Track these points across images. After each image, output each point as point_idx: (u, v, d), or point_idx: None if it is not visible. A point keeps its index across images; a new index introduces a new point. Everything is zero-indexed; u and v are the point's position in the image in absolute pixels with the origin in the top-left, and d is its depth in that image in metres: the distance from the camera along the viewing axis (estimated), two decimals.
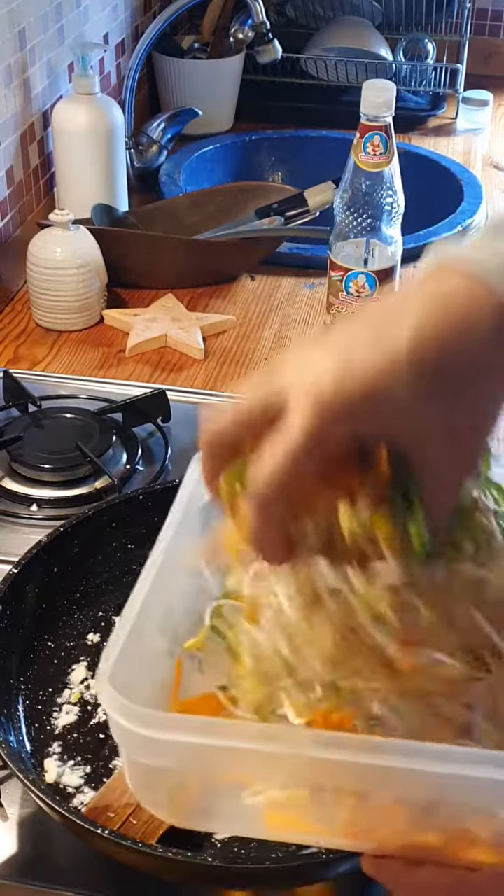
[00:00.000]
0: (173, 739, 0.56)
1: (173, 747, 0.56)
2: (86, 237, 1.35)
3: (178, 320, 1.36)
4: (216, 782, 0.60)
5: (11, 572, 0.86)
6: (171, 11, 1.66)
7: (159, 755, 0.57)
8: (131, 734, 0.56)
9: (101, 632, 0.89)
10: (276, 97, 2.03)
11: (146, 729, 0.55)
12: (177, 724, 0.57)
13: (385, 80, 1.27)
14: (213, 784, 0.60)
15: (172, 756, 0.57)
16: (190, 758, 0.57)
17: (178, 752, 0.57)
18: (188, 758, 0.57)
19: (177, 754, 0.57)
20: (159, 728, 0.56)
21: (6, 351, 1.33)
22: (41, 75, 1.47)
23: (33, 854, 0.76)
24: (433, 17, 2.09)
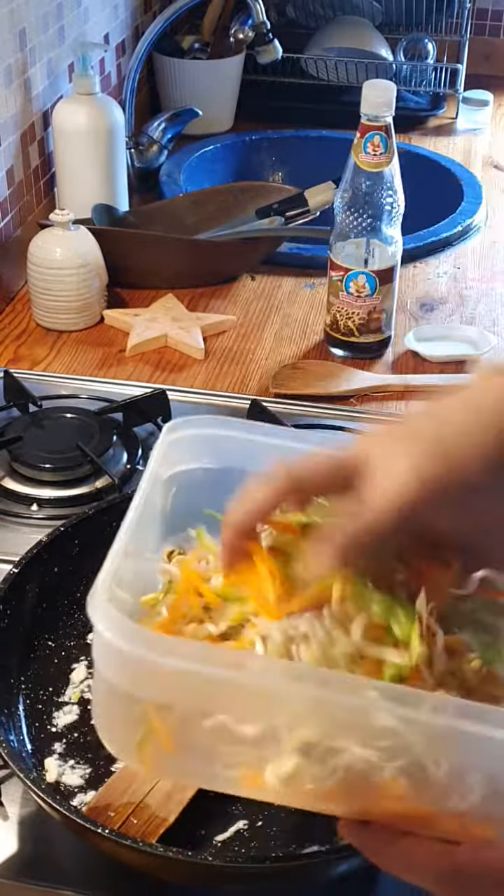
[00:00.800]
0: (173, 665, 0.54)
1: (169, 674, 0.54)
2: (86, 237, 1.35)
3: (179, 320, 1.36)
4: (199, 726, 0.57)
5: (12, 572, 0.86)
6: (172, 11, 1.67)
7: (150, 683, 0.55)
8: (125, 656, 0.54)
9: None
10: (276, 97, 2.03)
11: (146, 650, 0.53)
12: (175, 647, 0.55)
13: (385, 80, 1.27)
14: (192, 729, 0.58)
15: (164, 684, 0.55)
16: (184, 688, 0.55)
17: (171, 680, 0.54)
18: (183, 688, 0.55)
19: (170, 682, 0.55)
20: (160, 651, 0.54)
21: (7, 351, 1.33)
22: (41, 75, 1.47)
23: (33, 853, 0.76)
24: (433, 17, 2.09)
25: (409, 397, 1.26)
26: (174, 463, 0.72)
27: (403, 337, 1.35)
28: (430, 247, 1.58)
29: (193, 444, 0.72)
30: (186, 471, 0.72)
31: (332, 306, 1.30)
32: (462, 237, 1.63)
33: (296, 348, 1.35)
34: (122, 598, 0.59)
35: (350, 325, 1.30)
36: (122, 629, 0.54)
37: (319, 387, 1.26)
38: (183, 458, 0.72)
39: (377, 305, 1.28)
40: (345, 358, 1.32)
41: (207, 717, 0.56)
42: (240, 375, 1.29)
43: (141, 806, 0.74)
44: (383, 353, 1.33)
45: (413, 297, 1.47)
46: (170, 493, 0.71)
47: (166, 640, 0.57)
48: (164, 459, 0.71)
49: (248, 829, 0.75)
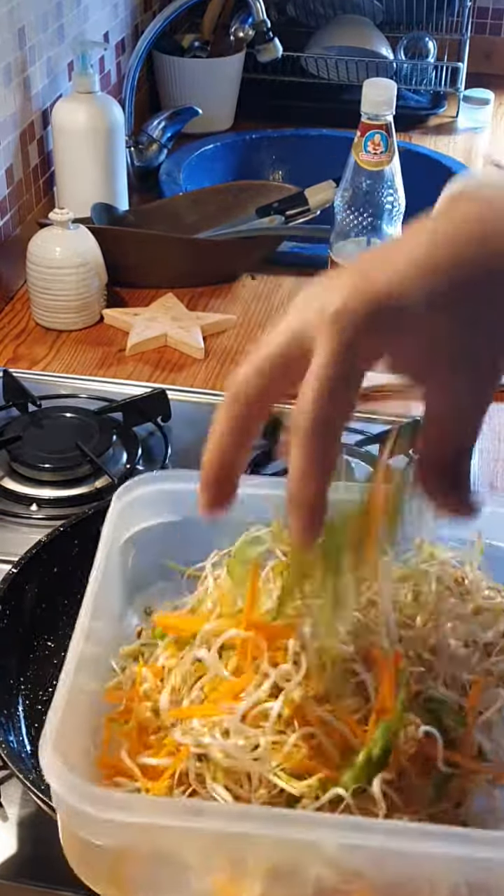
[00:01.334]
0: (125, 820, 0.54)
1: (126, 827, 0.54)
2: (86, 236, 1.34)
3: (179, 319, 1.36)
4: (162, 860, 0.58)
5: (11, 572, 0.86)
6: (172, 10, 1.66)
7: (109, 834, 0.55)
8: (77, 812, 0.54)
9: None
10: (276, 96, 2.03)
11: (95, 808, 0.53)
12: (126, 803, 0.55)
13: (386, 79, 1.27)
14: (154, 860, 0.59)
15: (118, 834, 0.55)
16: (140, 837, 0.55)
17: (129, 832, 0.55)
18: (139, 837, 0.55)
19: (128, 834, 0.55)
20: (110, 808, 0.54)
21: (6, 350, 1.32)
22: (41, 74, 1.47)
23: (33, 854, 0.76)
24: (434, 16, 2.09)
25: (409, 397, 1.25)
26: (131, 523, 0.72)
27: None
28: None
29: (150, 501, 0.72)
30: (146, 528, 0.73)
31: None
32: None
33: None
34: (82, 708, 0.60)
35: None
36: (69, 783, 0.54)
37: None
38: (141, 517, 0.73)
39: None
40: None
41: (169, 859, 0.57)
42: None
43: None
44: None
45: None
46: (130, 554, 0.71)
47: (112, 798, 0.57)
48: (121, 521, 0.71)
49: None
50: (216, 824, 0.54)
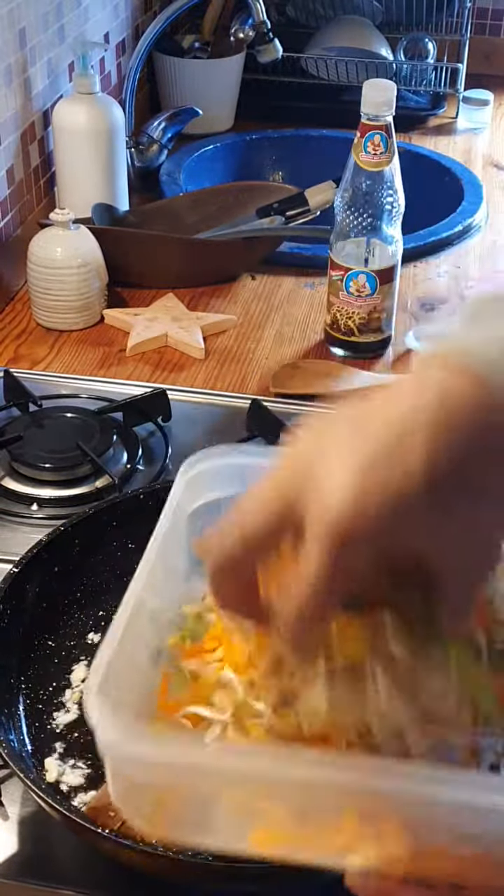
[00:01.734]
0: (160, 760, 0.54)
1: (160, 767, 0.55)
2: (86, 237, 1.35)
3: (179, 320, 1.36)
4: (200, 800, 0.59)
5: (12, 572, 0.86)
6: (172, 11, 1.67)
7: (146, 772, 0.56)
8: (117, 750, 0.54)
9: (101, 631, 0.89)
10: (276, 97, 2.03)
11: (134, 745, 0.54)
12: (165, 743, 0.56)
13: (385, 80, 1.27)
14: (196, 801, 0.59)
15: (159, 774, 0.56)
16: (177, 777, 0.56)
17: (165, 771, 0.55)
18: (175, 777, 0.56)
19: (164, 773, 0.56)
20: (146, 746, 0.54)
21: (7, 350, 1.33)
22: (41, 74, 1.47)
23: (33, 853, 0.76)
24: (434, 17, 2.09)
25: None
26: (197, 496, 0.71)
27: (404, 336, 1.35)
28: (430, 246, 1.58)
29: (217, 474, 0.71)
30: (212, 501, 0.71)
31: (332, 306, 1.30)
32: (462, 237, 1.63)
33: (296, 348, 1.35)
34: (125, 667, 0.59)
35: (350, 324, 1.30)
36: (112, 725, 0.54)
37: (319, 386, 1.26)
38: (207, 490, 0.71)
39: (377, 305, 1.28)
40: (345, 357, 1.32)
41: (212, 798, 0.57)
42: (240, 375, 1.29)
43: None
44: (383, 352, 1.33)
45: (413, 296, 1.47)
46: (196, 525, 0.70)
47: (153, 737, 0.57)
48: (187, 492, 0.70)
49: None
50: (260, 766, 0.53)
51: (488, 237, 1.65)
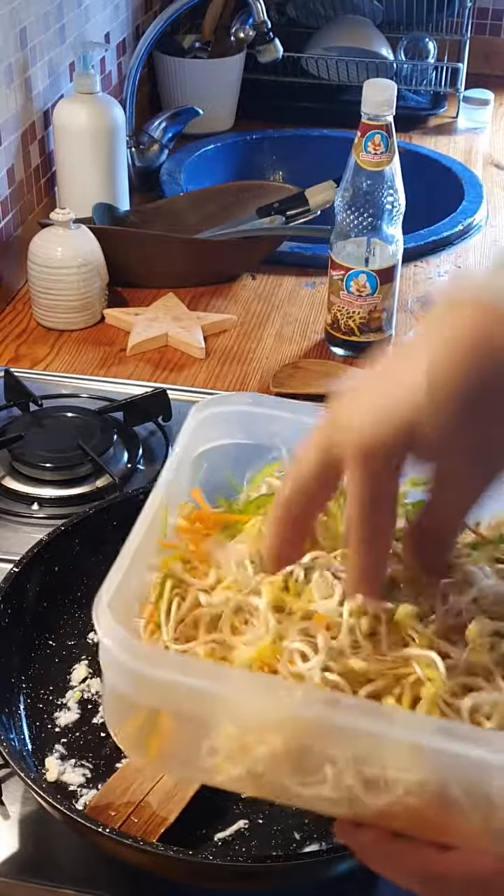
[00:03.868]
0: (167, 678, 0.54)
1: (164, 686, 0.55)
2: (87, 236, 1.35)
3: (179, 319, 1.36)
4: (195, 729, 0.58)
5: (13, 571, 0.86)
6: (172, 11, 1.66)
7: (147, 692, 0.56)
8: (121, 665, 0.55)
9: None
10: (276, 96, 2.03)
11: (139, 662, 0.54)
12: (170, 661, 0.56)
13: (386, 80, 1.27)
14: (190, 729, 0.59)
15: (161, 695, 0.56)
16: (180, 699, 0.56)
17: (167, 691, 0.55)
18: (179, 699, 0.56)
19: (166, 694, 0.56)
20: (153, 664, 0.55)
21: (7, 350, 1.33)
22: (42, 74, 1.47)
23: (34, 852, 0.76)
24: (434, 17, 2.09)
25: None
26: (205, 439, 0.72)
27: (404, 336, 1.35)
28: (430, 246, 1.58)
29: (224, 420, 0.73)
30: (218, 447, 0.73)
31: (332, 305, 1.30)
32: (463, 236, 1.63)
33: (296, 347, 1.35)
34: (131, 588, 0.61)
35: (351, 324, 1.30)
36: (119, 639, 0.55)
37: (320, 386, 1.26)
38: (214, 435, 0.73)
39: (378, 304, 1.28)
40: (345, 357, 1.32)
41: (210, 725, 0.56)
42: (240, 375, 1.29)
43: (142, 805, 0.74)
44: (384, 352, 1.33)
45: (414, 296, 1.47)
46: (201, 469, 0.72)
47: (156, 654, 0.57)
48: (195, 435, 0.71)
49: (248, 828, 0.75)
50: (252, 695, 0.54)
51: (489, 237, 1.65)
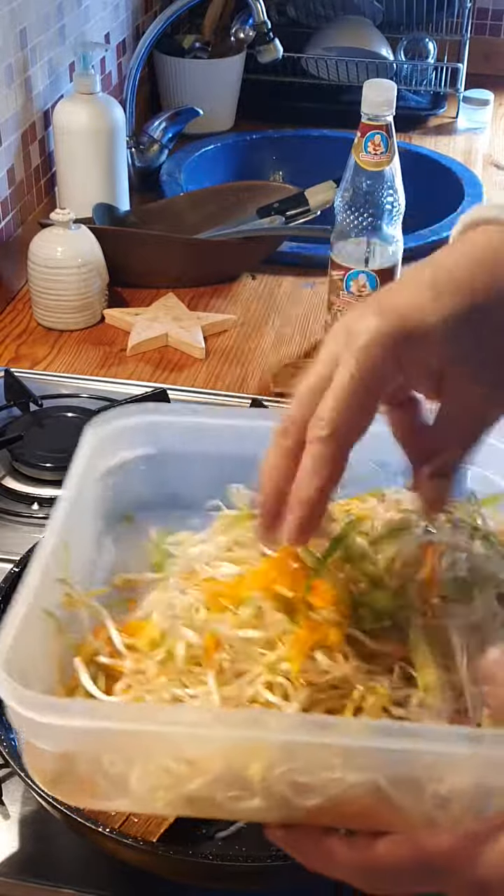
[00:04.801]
0: (64, 724, 0.54)
1: (65, 732, 0.54)
2: (87, 236, 1.35)
3: (179, 319, 1.36)
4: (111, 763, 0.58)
5: (13, 571, 0.86)
6: (172, 11, 1.67)
7: (55, 740, 0.56)
8: (24, 720, 0.54)
9: None
10: (276, 97, 2.03)
11: (40, 715, 0.53)
12: (67, 708, 0.55)
13: (386, 80, 1.27)
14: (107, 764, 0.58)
15: (66, 741, 0.55)
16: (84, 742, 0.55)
17: (70, 736, 0.55)
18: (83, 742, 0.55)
19: (70, 739, 0.55)
20: (51, 713, 0.54)
21: (7, 350, 1.33)
22: (42, 75, 1.47)
23: (34, 852, 0.76)
24: (434, 17, 2.09)
25: None
26: (107, 456, 0.71)
27: None
28: (430, 246, 1.58)
29: (125, 434, 0.72)
30: (121, 463, 0.72)
31: (332, 305, 1.31)
32: None
33: (296, 347, 1.36)
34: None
35: None
36: (14, 693, 0.54)
37: None
38: (116, 450, 0.72)
39: None
40: None
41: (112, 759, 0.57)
42: (240, 374, 1.30)
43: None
44: None
45: None
46: (108, 486, 0.71)
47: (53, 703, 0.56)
48: (95, 454, 0.70)
49: (248, 828, 0.75)
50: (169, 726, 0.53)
51: None
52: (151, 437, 0.73)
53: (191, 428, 0.73)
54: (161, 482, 0.73)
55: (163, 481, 0.73)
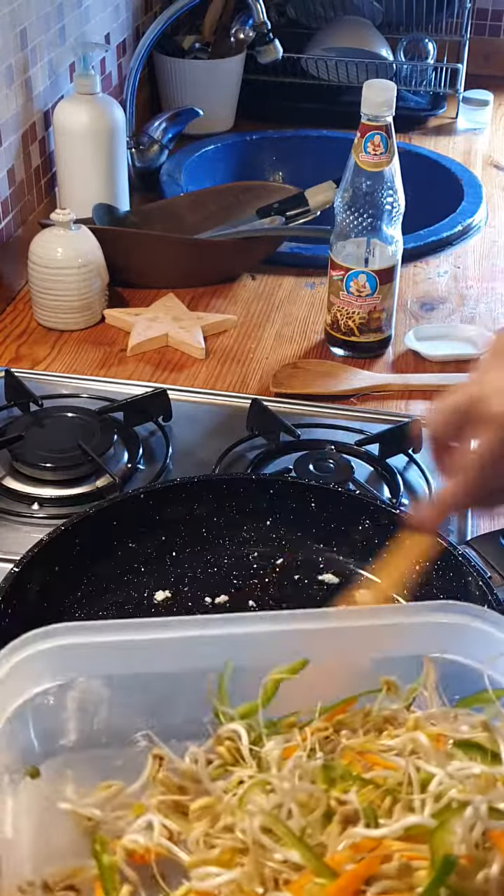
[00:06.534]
0: None
1: None
2: (87, 237, 1.35)
3: (179, 320, 1.36)
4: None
5: (13, 571, 0.86)
6: (173, 11, 1.67)
7: None
8: None
9: None
10: (276, 97, 2.03)
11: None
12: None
13: (385, 80, 1.28)
14: None
15: None
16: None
17: None
18: None
19: None
20: None
21: (8, 350, 1.33)
22: (42, 75, 1.48)
23: None
24: (433, 17, 2.09)
25: (409, 397, 1.26)
26: (21, 689, 0.64)
27: (404, 336, 1.35)
28: (430, 246, 1.59)
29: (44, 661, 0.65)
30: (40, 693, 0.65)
31: (332, 306, 1.31)
32: (462, 237, 1.63)
33: (296, 348, 1.36)
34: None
35: (350, 324, 1.30)
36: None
37: (320, 386, 1.26)
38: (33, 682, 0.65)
39: (377, 305, 1.29)
40: (345, 357, 1.33)
41: None
42: (240, 375, 1.30)
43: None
44: (383, 352, 1.33)
45: (413, 296, 1.48)
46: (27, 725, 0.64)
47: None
48: (6, 688, 0.63)
49: None
50: None
51: (488, 237, 1.65)
52: (76, 661, 0.66)
53: (112, 647, 0.67)
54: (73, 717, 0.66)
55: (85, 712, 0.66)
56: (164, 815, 0.61)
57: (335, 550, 0.98)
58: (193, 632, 0.67)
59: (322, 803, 0.59)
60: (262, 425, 1.15)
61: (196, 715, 0.67)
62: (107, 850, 0.59)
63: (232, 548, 0.98)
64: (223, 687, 0.66)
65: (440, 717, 0.65)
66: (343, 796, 0.59)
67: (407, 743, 0.62)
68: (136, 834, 0.60)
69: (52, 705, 0.65)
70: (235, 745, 0.64)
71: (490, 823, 0.56)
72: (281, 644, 0.68)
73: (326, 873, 0.56)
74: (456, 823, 0.56)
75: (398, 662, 0.69)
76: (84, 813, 0.61)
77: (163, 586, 0.94)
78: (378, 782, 0.60)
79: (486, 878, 0.55)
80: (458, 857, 0.55)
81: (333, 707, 0.66)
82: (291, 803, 0.59)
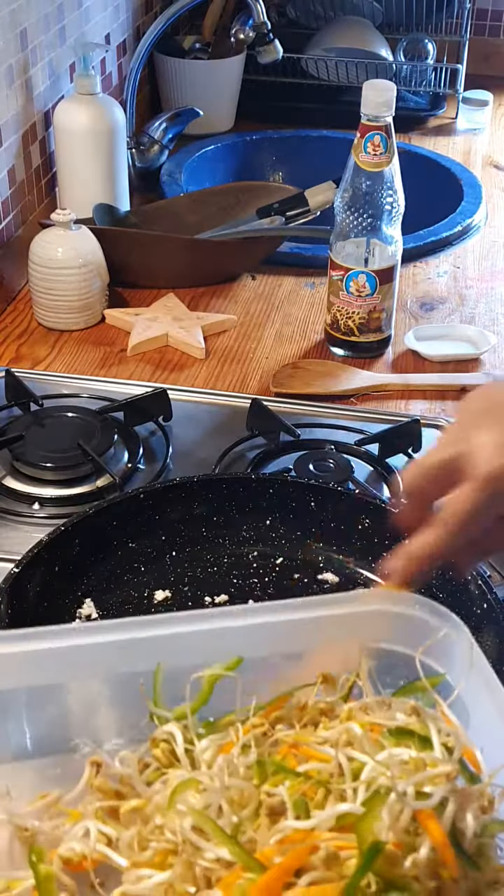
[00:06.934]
0: None
1: None
2: (87, 237, 1.35)
3: (180, 320, 1.37)
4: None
5: (13, 571, 0.86)
6: (173, 12, 1.67)
7: None
8: None
9: None
10: (276, 97, 2.03)
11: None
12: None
13: (385, 80, 1.28)
14: None
15: None
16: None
17: None
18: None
19: None
20: None
21: (8, 350, 1.33)
22: (43, 75, 1.48)
23: None
24: (433, 18, 2.09)
25: (409, 396, 1.26)
26: None
27: (403, 336, 1.35)
28: (430, 246, 1.59)
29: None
30: None
31: (332, 306, 1.31)
32: (462, 237, 1.63)
33: (296, 348, 1.36)
34: None
35: (350, 324, 1.30)
36: None
37: (320, 386, 1.26)
38: None
39: (377, 305, 1.29)
40: (345, 357, 1.33)
41: None
42: (240, 375, 1.30)
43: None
44: (383, 352, 1.34)
45: (413, 296, 1.48)
46: None
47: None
48: None
49: None
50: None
51: (488, 237, 1.65)
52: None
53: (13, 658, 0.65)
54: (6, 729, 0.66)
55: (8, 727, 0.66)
56: (103, 821, 0.61)
57: (335, 550, 0.98)
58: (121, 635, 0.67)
59: (254, 799, 0.59)
60: (262, 425, 1.15)
61: (134, 719, 0.67)
62: (43, 859, 0.59)
63: (231, 547, 0.98)
64: (156, 689, 0.66)
65: (375, 706, 0.65)
66: (272, 790, 0.59)
67: (341, 733, 0.62)
68: (74, 841, 0.60)
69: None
70: (170, 746, 0.64)
71: (415, 804, 0.56)
72: (211, 642, 0.68)
73: (256, 868, 0.56)
74: (382, 809, 0.57)
75: (378, 653, 0.69)
76: (20, 823, 0.61)
77: (162, 586, 0.94)
78: (311, 774, 0.61)
79: (414, 863, 0.55)
80: (384, 844, 0.55)
81: (269, 703, 0.67)
82: (222, 801, 0.59)
